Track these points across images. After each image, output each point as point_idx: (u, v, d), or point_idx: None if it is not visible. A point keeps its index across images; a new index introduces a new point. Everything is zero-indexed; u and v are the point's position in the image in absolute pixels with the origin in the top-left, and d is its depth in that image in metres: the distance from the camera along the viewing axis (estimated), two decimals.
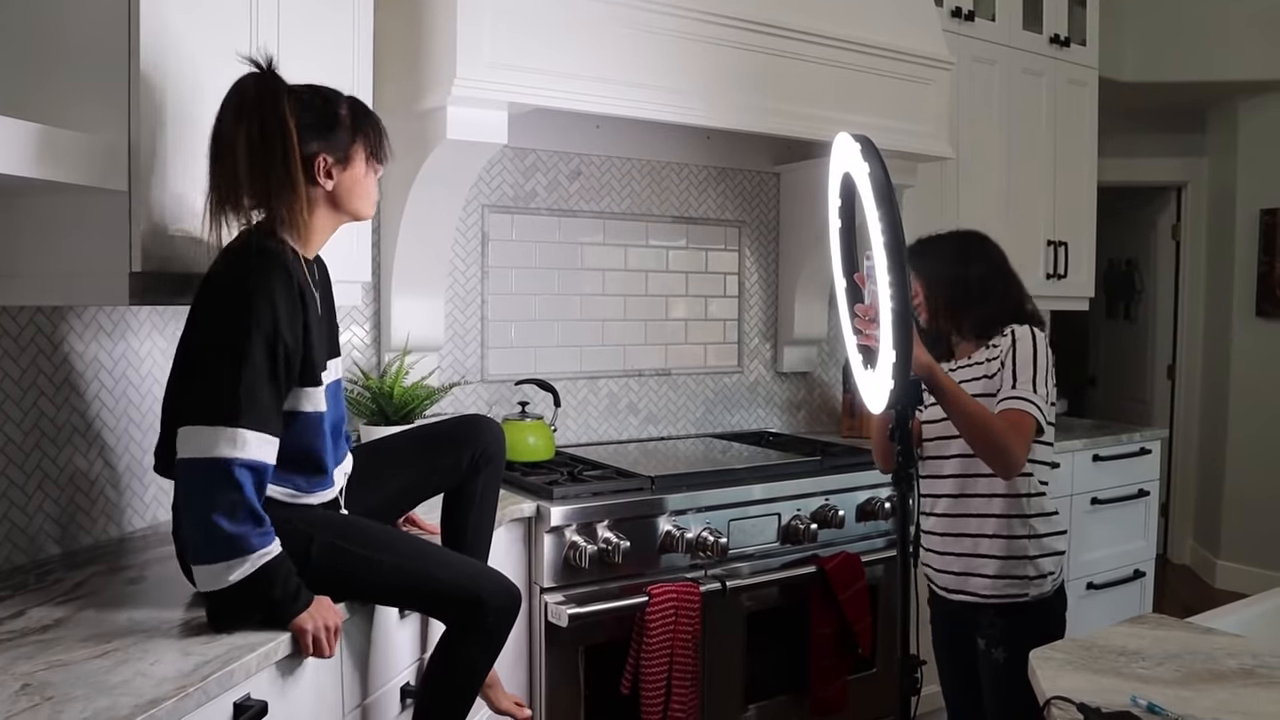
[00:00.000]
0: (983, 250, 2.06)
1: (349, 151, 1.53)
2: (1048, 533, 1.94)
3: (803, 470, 2.63)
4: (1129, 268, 5.60)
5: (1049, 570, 1.93)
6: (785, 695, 2.57)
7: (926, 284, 2.01)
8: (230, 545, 1.34)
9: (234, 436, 1.34)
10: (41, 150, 1.29)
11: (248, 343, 1.37)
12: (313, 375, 1.49)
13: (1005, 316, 1.98)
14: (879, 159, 1.46)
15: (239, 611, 1.38)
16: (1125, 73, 4.54)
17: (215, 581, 1.35)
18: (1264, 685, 1.33)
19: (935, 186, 3.33)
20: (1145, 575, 3.60)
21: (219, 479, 1.33)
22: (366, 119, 1.57)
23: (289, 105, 1.45)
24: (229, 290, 1.41)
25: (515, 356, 2.86)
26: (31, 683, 1.17)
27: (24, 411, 1.70)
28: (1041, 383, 1.86)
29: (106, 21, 1.47)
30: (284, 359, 1.41)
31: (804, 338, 3.36)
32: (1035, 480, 1.94)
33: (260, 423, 1.37)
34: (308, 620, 1.39)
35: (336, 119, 1.52)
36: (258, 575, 1.35)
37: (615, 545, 2.23)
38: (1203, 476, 5.10)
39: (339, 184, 1.53)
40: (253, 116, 1.43)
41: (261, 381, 1.37)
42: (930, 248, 2.06)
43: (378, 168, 1.60)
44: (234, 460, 1.33)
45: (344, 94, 1.57)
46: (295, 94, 1.48)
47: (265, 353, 1.38)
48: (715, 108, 2.53)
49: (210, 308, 1.43)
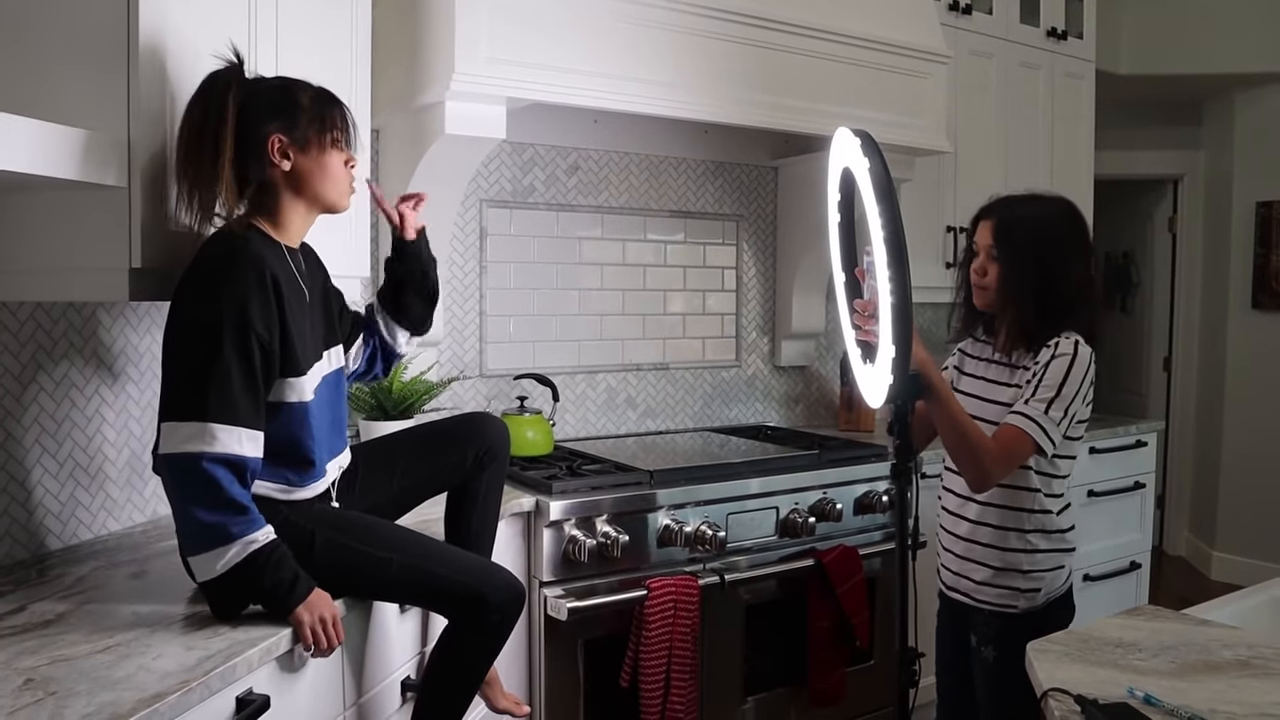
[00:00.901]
0: (1084, 242, 1.87)
1: (306, 133, 1.52)
2: (1047, 548, 1.87)
3: (800, 464, 2.64)
4: (1125, 260, 5.61)
5: (1039, 586, 1.86)
6: (784, 687, 2.58)
7: (1015, 253, 1.83)
8: (209, 534, 1.36)
9: (202, 431, 1.35)
10: (41, 147, 1.29)
11: (216, 339, 1.38)
12: (295, 365, 1.49)
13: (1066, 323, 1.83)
14: (879, 154, 1.46)
15: (233, 599, 1.40)
16: (1122, 66, 4.55)
17: (207, 571, 1.37)
18: (1259, 676, 1.34)
19: (932, 180, 3.33)
20: (1141, 567, 3.61)
21: (191, 473, 1.35)
22: (330, 105, 1.56)
23: (235, 92, 1.46)
24: (197, 287, 1.43)
25: (514, 351, 2.87)
26: (35, 678, 1.18)
27: (24, 407, 1.70)
28: (1060, 406, 1.76)
29: (106, 17, 1.47)
30: (259, 352, 1.42)
31: (802, 332, 3.36)
32: (1041, 495, 1.86)
33: (231, 416, 1.37)
34: (304, 613, 1.40)
35: (294, 103, 1.52)
36: (247, 562, 1.37)
37: (614, 539, 2.24)
38: (1198, 468, 5.12)
39: (297, 166, 1.52)
40: (195, 104, 1.46)
41: (233, 376, 1.38)
42: (1043, 216, 1.86)
43: (348, 158, 1.59)
44: (203, 455, 1.35)
45: (314, 85, 1.57)
46: (252, 83, 1.50)
47: (235, 347, 1.39)
48: (713, 102, 2.53)
49: (180, 305, 1.44)
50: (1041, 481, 1.86)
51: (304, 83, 1.56)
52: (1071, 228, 1.87)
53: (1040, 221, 1.86)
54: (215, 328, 1.38)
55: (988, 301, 1.90)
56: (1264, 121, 4.67)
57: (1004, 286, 1.86)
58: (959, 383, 2.00)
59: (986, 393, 1.92)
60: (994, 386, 1.92)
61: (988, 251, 1.87)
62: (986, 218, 1.90)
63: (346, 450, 1.70)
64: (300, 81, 1.56)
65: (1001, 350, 1.93)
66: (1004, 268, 1.85)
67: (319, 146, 1.53)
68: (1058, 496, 1.89)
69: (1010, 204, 1.91)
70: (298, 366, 1.50)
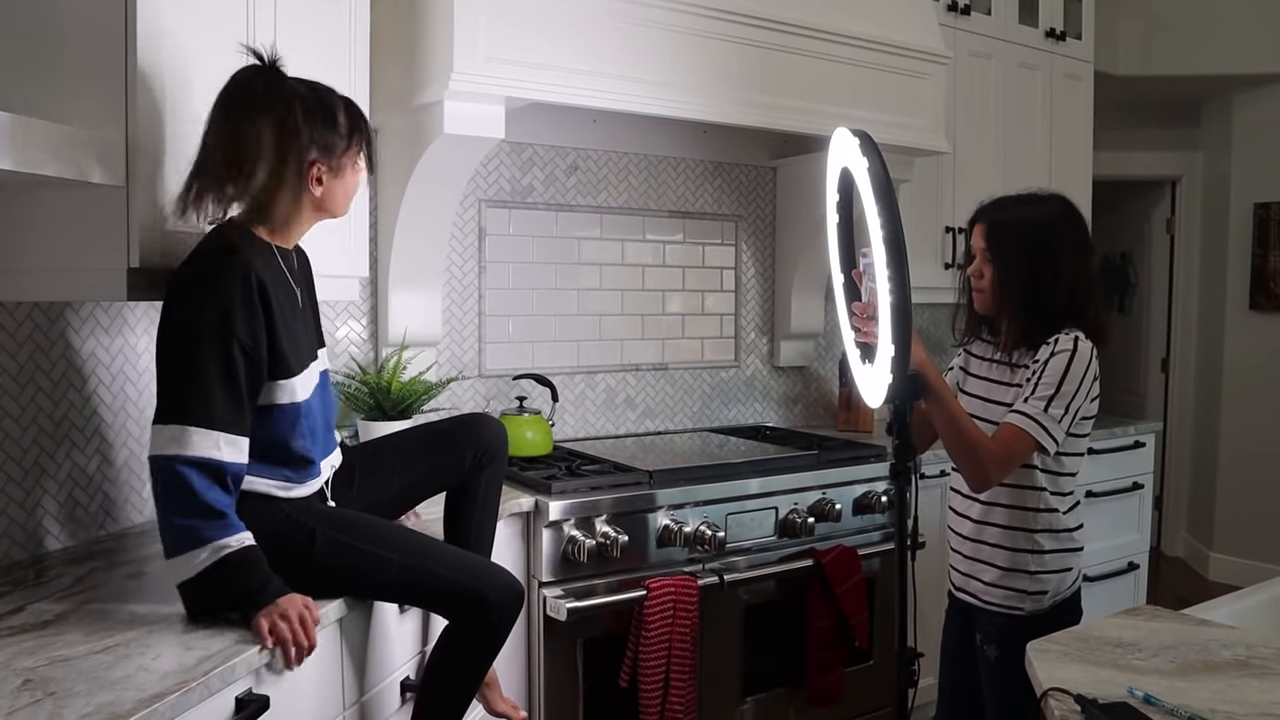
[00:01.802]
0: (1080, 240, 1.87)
1: (342, 160, 1.54)
2: (1054, 549, 1.86)
3: (800, 464, 2.64)
4: (1123, 261, 5.61)
5: (1047, 588, 1.85)
6: (783, 688, 2.58)
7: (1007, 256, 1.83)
8: (182, 537, 1.36)
9: (179, 435, 1.36)
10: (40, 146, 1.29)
11: (196, 344, 1.38)
12: (286, 367, 1.49)
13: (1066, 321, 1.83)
14: (878, 154, 1.47)
15: (203, 601, 1.40)
16: (1120, 66, 4.55)
17: (181, 573, 1.38)
18: (1258, 676, 1.34)
19: (931, 180, 3.33)
20: (1139, 568, 3.61)
21: (167, 475, 1.36)
22: (360, 124, 1.57)
23: (300, 110, 1.46)
24: (183, 292, 1.43)
25: (512, 351, 2.86)
26: (33, 678, 1.18)
27: (22, 407, 1.70)
28: (1060, 403, 1.75)
29: (103, 17, 1.46)
30: (242, 359, 1.41)
31: (801, 332, 3.36)
32: (1047, 494, 1.85)
33: (209, 421, 1.37)
34: (263, 617, 1.36)
35: (334, 128, 1.52)
36: (217, 565, 1.36)
37: (613, 539, 2.24)
38: (1196, 469, 5.12)
39: (327, 190, 1.54)
40: (264, 112, 1.44)
41: (211, 381, 1.38)
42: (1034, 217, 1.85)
43: (366, 175, 1.62)
44: (177, 457, 1.35)
45: (340, 97, 1.57)
46: (301, 97, 1.48)
47: (215, 354, 1.39)
48: (712, 102, 2.53)
49: (168, 310, 1.44)
50: (1048, 480, 1.85)
51: (334, 96, 1.55)
52: (1065, 227, 1.86)
53: (1031, 223, 1.86)
54: (196, 334, 1.39)
55: (985, 304, 1.90)
56: (1262, 122, 4.68)
57: (997, 288, 1.86)
58: (965, 384, 2.00)
59: (990, 394, 1.92)
60: (997, 387, 1.92)
61: (982, 254, 1.88)
62: (980, 220, 1.90)
63: (337, 450, 1.70)
64: (331, 94, 1.55)
65: (1004, 350, 1.93)
66: (996, 270, 1.86)
67: (351, 169, 1.57)
68: (1065, 495, 1.88)
69: (1003, 205, 1.90)
70: (289, 368, 1.50)
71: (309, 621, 1.39)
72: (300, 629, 1.38)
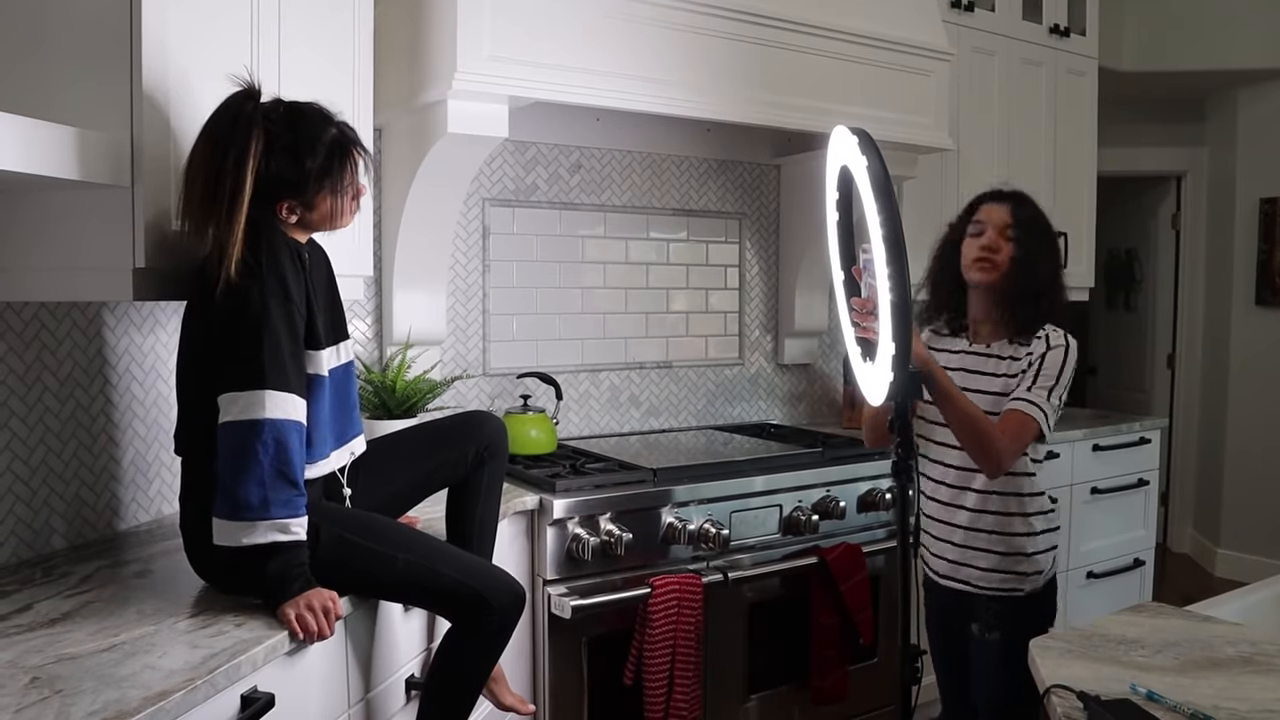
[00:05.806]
0: None
1: (314, 198, 1.54)
2: (1044, 529, 1.95)
3: (804, 462, 2.64)
4: (1129, 257, 5.60)
5: (1043, 568, 1.94)
6: (787, 685, 2.59)
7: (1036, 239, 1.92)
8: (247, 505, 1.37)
9: (262, 399, 1.39)
10: (45, 147, 1.29)
11: (264, 310, 1.43)
12: (315, 339, 1.53)
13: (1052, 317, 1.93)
14: (876, 152, 1.47)
15: (238, 575, 1.43)
16: (1124, 62, 4.54)
17: (229, 538, 1.39)
18: (1262, 672, 1.34)
19: (935, 177, 3.33)
20: (1145, 564, 3.61)
21: (251, 439, 1.38)
22: (340, 159, 1.54)
23: (256, 144, 1.44)
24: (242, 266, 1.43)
25: (517, 350, 2.87)
26: (41, 676, 1.18)
27: (29, 407, 1.71)
28: (1058, 395, 1.86)
29: (109, 17, 1.47)
30: (300, 322, 1.48)
31: (805, 330, 3.36)
32: (1036, 479, 1.95)
33: (285, 384, 1.42)
34: (290, 608, 1.40)
35: (303, 172, 1.50)
36: (269, 548, 1.39)
37: (618, 537, 2.24)
38: (1202, 465, 5.11)
39: (303, 218, 1.56)
40: (215, 144, 1.44)
41: (282, 345, 1.43)
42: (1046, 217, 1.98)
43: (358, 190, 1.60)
44: (264, 421, 1.39)
45: (330, 122, 1.54)
46: (270, 133, 1.46)
47: (284, 320, 1.44)
48: (715, 100, 2.53)
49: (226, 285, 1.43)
50: (1035, 465, 1.95)
51: (322, 122, 1.53)
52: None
53: (1048, 222, 1.99)
54: (266, 307, 1.42)
55: (990, 277, 1.91)
56: (1267, 117, 4.66)
57: (1016, 270, 1.90)
58: None
59: (966, 383, 1.94)
60: (974, 376, 1.96)
61: (1001, 230, 1.91)
62: (1005, 201, 1.95)
63: (360, 438, 1.70)
64: (319, 121, 1.53)
65: (980, 339, 1.99)
66: (1021, 253, 1.90)
67: (331, 200, 1.56)
68: (1035, 477, 1.98)
69: (1022, 198, 1.98)
70: (317, 340, 1.54)
71: (332, 615, 1.43)
72: (324, 620, 1.41)
